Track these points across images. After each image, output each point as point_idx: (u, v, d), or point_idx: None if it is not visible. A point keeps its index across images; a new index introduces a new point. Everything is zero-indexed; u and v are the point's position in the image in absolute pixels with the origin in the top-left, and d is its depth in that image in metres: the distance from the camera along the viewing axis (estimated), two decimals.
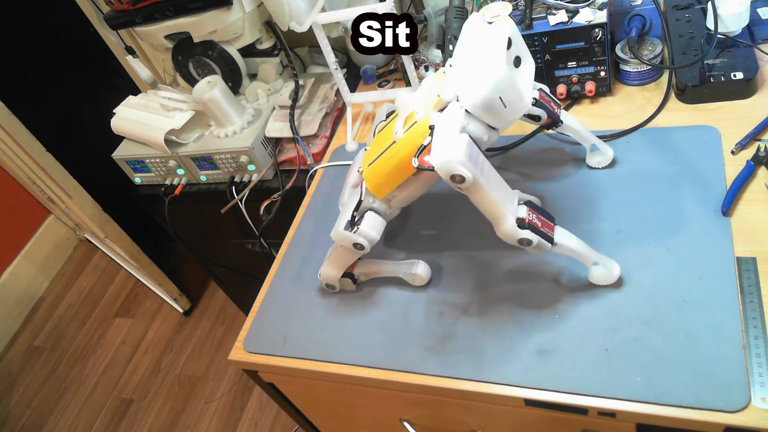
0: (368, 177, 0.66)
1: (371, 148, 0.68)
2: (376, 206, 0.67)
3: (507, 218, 0.56)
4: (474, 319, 0.66)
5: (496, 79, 0.54)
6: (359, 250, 0.66)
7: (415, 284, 0.71)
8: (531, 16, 0.83)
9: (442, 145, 0.54)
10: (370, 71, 1.10)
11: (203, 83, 1.03)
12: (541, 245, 0.58)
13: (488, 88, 0.54)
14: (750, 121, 0.72)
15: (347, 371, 0.67)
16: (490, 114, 0.56)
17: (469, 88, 0.55)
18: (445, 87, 0.58)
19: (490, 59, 0.54)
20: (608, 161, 0.75)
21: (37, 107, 1.64)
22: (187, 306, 2.05)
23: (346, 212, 0.67)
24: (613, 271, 0.62)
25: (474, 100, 0.55)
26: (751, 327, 0.55)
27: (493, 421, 0.68)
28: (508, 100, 0.55)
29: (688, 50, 0.80)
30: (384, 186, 0.65)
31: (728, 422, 0.51)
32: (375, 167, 0.65)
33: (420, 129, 0.59)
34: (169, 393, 1.83)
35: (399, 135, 0.62)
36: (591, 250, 0.61)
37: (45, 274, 2.40)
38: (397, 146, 0.62)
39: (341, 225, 0.66)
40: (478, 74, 0.55)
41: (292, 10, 0.95)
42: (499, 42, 0.55)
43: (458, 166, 0.53)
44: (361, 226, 0.65)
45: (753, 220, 0.64)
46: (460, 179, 0.53)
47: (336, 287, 0.75)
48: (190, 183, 1.14)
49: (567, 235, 0.60)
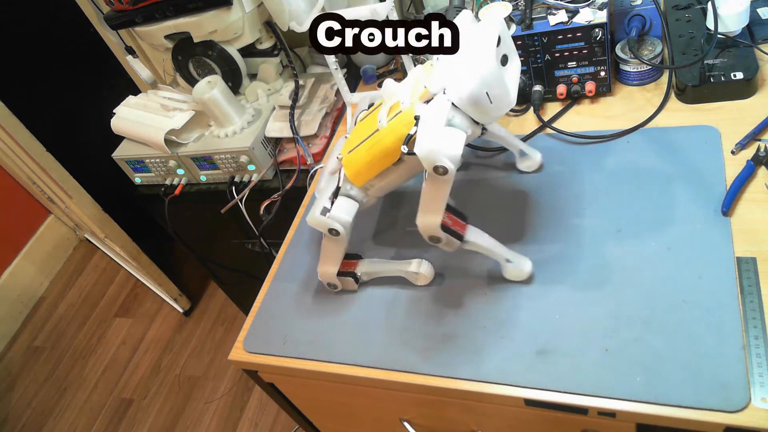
0: (347, 164, 0.66)
1: (352, 136, 0.69)
2: (354, 194, 0.67)
3: (440, 215, 0.60)
4: (474, 319, 0.66)
5: (485, 74, 0.55)
6: (335, 235, 0.67)
7: (419, 283, 0.71)
8: (531, 16, 0.83)
9: (433, 136, 0.55)
10: (370, 71, 1.10)
11: (203, 83, 1.03)
12: (450, 242, 0.62)
13: (476, 83, 0.55)
14: (750, 121, 0.72)
15: (347, 371, 0.67)
16: (476, 108, 0.57)
17: (457, 82, 0.56)
18: (432, 79, 0.59)
19: (479, 54, 0.55)
20: (537, 165, 0.78)
21: (37, 107, 1.64)
22: (187, 306, 2.05)
23: (323, 198, 0.68)
24: (524, 268, 0.66)
25: (461, 93, 0.56)
26: (751, 327, 0.55)
27: (493, 421, 0.68)
28: (495, 95, 0.56)
29: (688, 50, 0.80)
30: (363, 173, 0.65)
31: (728, 422, 0.51)
32: (355, 154, 0.65)
33: (405, 118, 0.60)
34: (169, 393, 1.83)
35: (383, 123, 0.63)
36: (503, 247, 0.65)
37: (45, 274, 2.40)
38: (380, 134, 0.63)
39: (317, 210, 0.66)
40: (467, 68, 0.56)
41: (292, 10, 0.95)
42: (488, 38, 0.56)
43: (444, 158, 0.54)
44: (332, 210, 0.66)
45: (753, 220, 0.64)
46: (443, 171, 0.55)
47: (337, 286, 0.74)
48: (190, 183, 1.15)
49: (478, 234, 0.64)
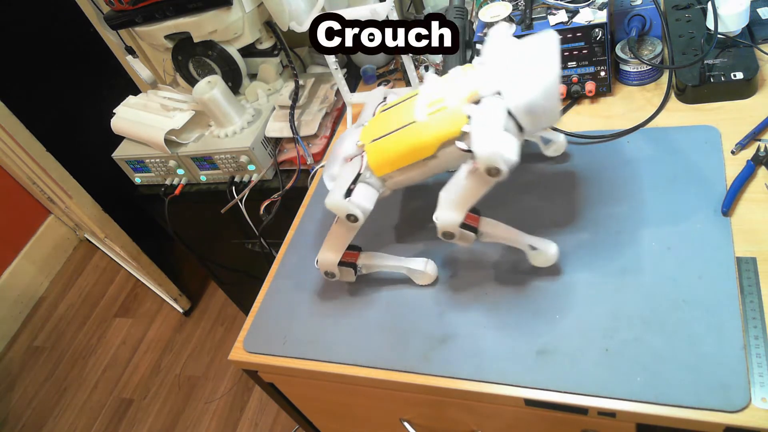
0: (372, 152, 0.65)
1: (372, 125, 0.68)
2: (372, 182, 0.66)
3: (464, 213, 0.61)
4: (474, 319, 0.66)
5: (548, 84, 0.56)
6: (353, 222, 0.65)
7: (421, 282, 0.71)
8: (531, 16, 0.83)
9: (494, 138, 0.55)
10: (370, 71, 1.10)
11: (203, 83, 1.03)
12: (465, 236, 0.63)
13: (539, 92, 0.56)
14: (750, 121, 0.72)
15: (347, 371, 0.67)
16: (530, 117, 0.57)
17: (516, 88, 0.57)
18: (482, 82, 0.59)
19: (544, 64, 0.56)
20: (563, 146, 0.78)
21: (37, 107, 1.64)
22: (187, 306, 2.05)
23: (342, 183, 0.66)
24: (550, 251, 0.65)
25: (520, 100, 0.56)
26: (751, 327, 0.55)
27: (493, 421, 0.68)
28: (548, 107, 0.57)
29: (688, 50, 0.80)
30: (389, 164, 0.64)
31: (728, 422, 0.51)
32: (383, 144, 0.64)
33: (452, 116, 0.60)
34: (169, 393, 1.83)
35: (421, 117, 0.62)
36: (523, 234, 0.65)
37: (45, 274, 2.40)
38: (417, 127, 0.62)
39: (339, 193, 0.64)
40: (530, 76, 0.56)
41: (292, 10, 0.95)
42: (553, 49, 0.57)
43: (502, 162, 0.54)
44: (354, 196, 0.64)
45: (753, 220, 0.64)
46: (495, 173, 0.55)
47: (336, 275, 0.73)
48: (190, 183, 1.15)
49: (493, 225, 0.65)
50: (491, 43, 0.64)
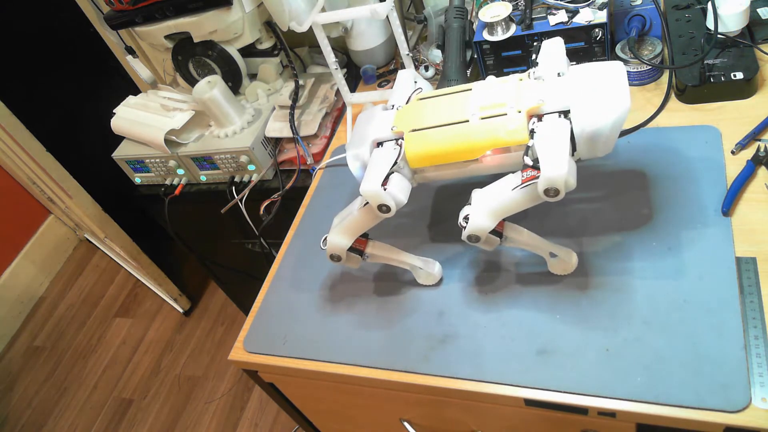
0: (412, 141, 0.62)
1: (408, 112, 0.65)
2: (405, 173, 0.63)
3: (498, 221, 0.60)
4: (474, 319, 0.66)
5: (620, 114, 0.54)
6: (384, 212, 0.61)
7: (425, 282, 0.71)
8: (531, 16, 0.83)
9: (563, 162, 0.53)
10: (370, 71, 1.10)
11: (203, 83, 1.03)
12: (490, 240, 0.62)
13: (610, 121, 0.54)
14: (750, 121, 0.72)
15: (347, 371, 0.67)
16: (590, 143, 0.56)
17: (588, 113, 0.55)
18: (548, 97, 0.57)
19: (617, 95, 0.54)
20: None
21: (37, 107, 1.64)
22: (187, 306, 2.05)
23: (380, 169, 0.61)
24: (570, 261, 0.64)
25: (588, 125, 0.55)
26: (751, 327, 0.55)
27: (493, 421, 0.68)
28: (611, 138, 0.55)
29: (688, 50, 0.80)
30: (429, 158, 0.62)
31: (728, 422, 0.51)
32: (426, 136, 0.61)
33: (511, 125, 0.57)
34: (169, 393, 1.83)
35: (475, 117, 0.60)
36: (545, 241, 0.64)
37: (45, 274, 2.40)
38: (469, 127, 0.59)
39: (377, 181, 0.60)
40: (603, 105, 0.55)
41: (292, 10, 0.95)
42: (624, 81, 0.55)
43: (563, 187, 0.53)
44: (390, 186, 0.61)
45: (753, 220, 0.64)
46: (554, 194, 0.54)
47: (341, 258, 0.69)
48: (190, 183, 1.15)
49: (518, 230, 0.63)
50: (547, 57, 0.62)
